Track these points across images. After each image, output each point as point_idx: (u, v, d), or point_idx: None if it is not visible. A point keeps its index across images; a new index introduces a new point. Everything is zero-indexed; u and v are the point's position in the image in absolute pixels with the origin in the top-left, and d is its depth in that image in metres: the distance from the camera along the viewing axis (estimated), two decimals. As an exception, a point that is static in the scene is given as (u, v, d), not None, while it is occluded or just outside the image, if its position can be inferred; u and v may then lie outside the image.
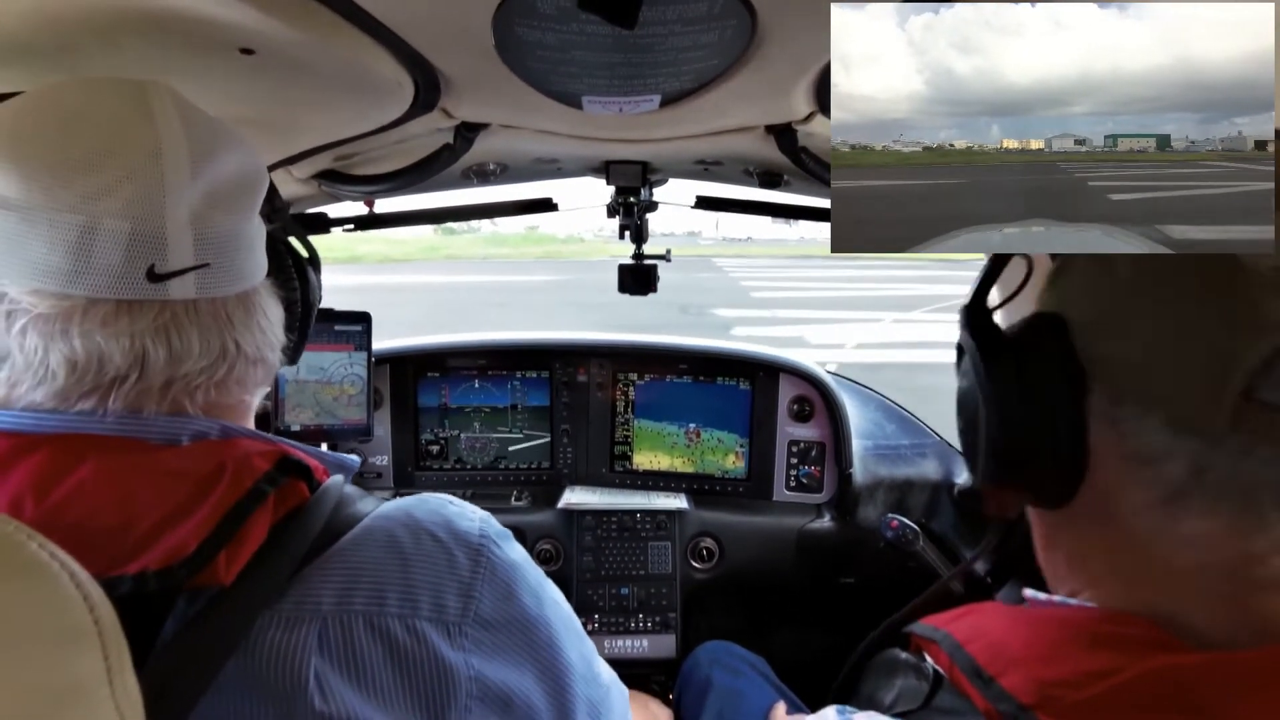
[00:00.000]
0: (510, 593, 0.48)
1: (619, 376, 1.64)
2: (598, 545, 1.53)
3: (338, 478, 0.50)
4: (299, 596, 0.42)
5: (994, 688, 0.36)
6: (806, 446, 1.59)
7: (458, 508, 0.51)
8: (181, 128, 0.43)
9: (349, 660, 0.42)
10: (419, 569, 0.45)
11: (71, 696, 0.27)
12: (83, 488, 0.40)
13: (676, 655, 1.49)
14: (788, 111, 0.80)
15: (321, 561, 0.44)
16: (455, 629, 0.45)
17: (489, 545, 0.49)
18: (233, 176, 0.46)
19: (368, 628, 0.42)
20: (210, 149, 0.45)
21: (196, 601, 0.40)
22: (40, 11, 0.51)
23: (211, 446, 0.45)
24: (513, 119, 0.86)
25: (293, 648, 0.41)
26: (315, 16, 0.52)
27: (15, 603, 0.27)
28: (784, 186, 1.17)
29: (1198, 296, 0.34)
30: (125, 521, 0.39)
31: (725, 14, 0.54)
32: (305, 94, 0.70)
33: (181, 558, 0.38)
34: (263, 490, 0.42)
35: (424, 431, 1.65)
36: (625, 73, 0.66)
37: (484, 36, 0.58)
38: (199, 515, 0.40)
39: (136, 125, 0.42)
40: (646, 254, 1.35)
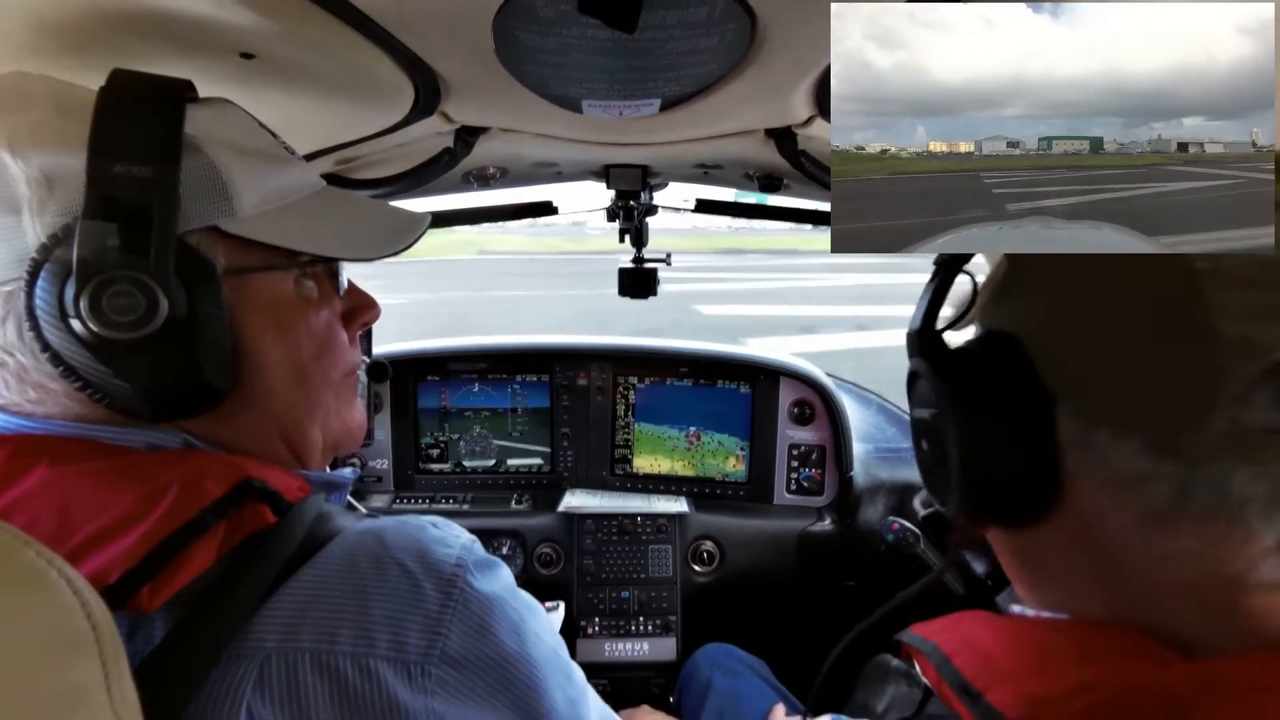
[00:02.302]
0: (484, 628, 0.43)
1: (619, 380, 1.64)
2: (598, 549, 1.53)
3: (316, 497, 0.46)
4: (244, 632, 0.39)
5: (981, 703, 0.36)
6: (807, 450, 1.59)
7: (439, 532, 0.46)
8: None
9: (290, 701, 0.38)
10: (379, 602, 0.41)
11: (70, 703, 0.27)
12: (26, 496, 0.38)
13: (677, 658, 1.48)
14: (787, 115, 0.80)
15: (278, 592, 0.40)
16: (417, 668, 0.40)
17: (463, 576, 0.44)
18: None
19: (314, 666, 0.39)
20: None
21: (138, 632, 0.38)
22: (40, 15, 0.51)
23: (166, 459, 0.42)
24: (513, 123, 0.86)
25: (227, 689, 0.37)
26: (315, 20, 0.52)
27: (14, 610, 0.27)
28: (784, 190, 1.17)
29: (1169, 316, 0.34)
30: (58, 533, 0.37)
31: (725, 18, 0.54)
32: (305, 98, 0.70)
33: (101, 586, 0.34)
34: (205, 521, 0.39)
35: (424, 435, 1.65)
36: (625, 77, 0.66)
37: (484, 40, 0.58)
38: (129, 539, 0.37)
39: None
40: (647, 257, 1.35)
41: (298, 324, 0.49)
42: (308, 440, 0.52)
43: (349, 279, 0.56)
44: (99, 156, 0.38)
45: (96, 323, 0.38)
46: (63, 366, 0.40)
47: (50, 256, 0.39)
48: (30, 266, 0.38)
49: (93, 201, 0.38)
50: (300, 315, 0.49)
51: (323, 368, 0.51)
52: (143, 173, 0.39)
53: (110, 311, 0.38)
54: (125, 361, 0.40)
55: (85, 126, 0.39)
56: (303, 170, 0.51)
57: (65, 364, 0.40)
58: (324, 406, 0.53)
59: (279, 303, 0.48)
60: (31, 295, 0.39)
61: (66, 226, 0.39)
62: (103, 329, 0.38)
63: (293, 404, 0.50)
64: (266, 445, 0.49)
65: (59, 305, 0.38)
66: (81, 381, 0.40)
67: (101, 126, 0.39)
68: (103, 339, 0.39)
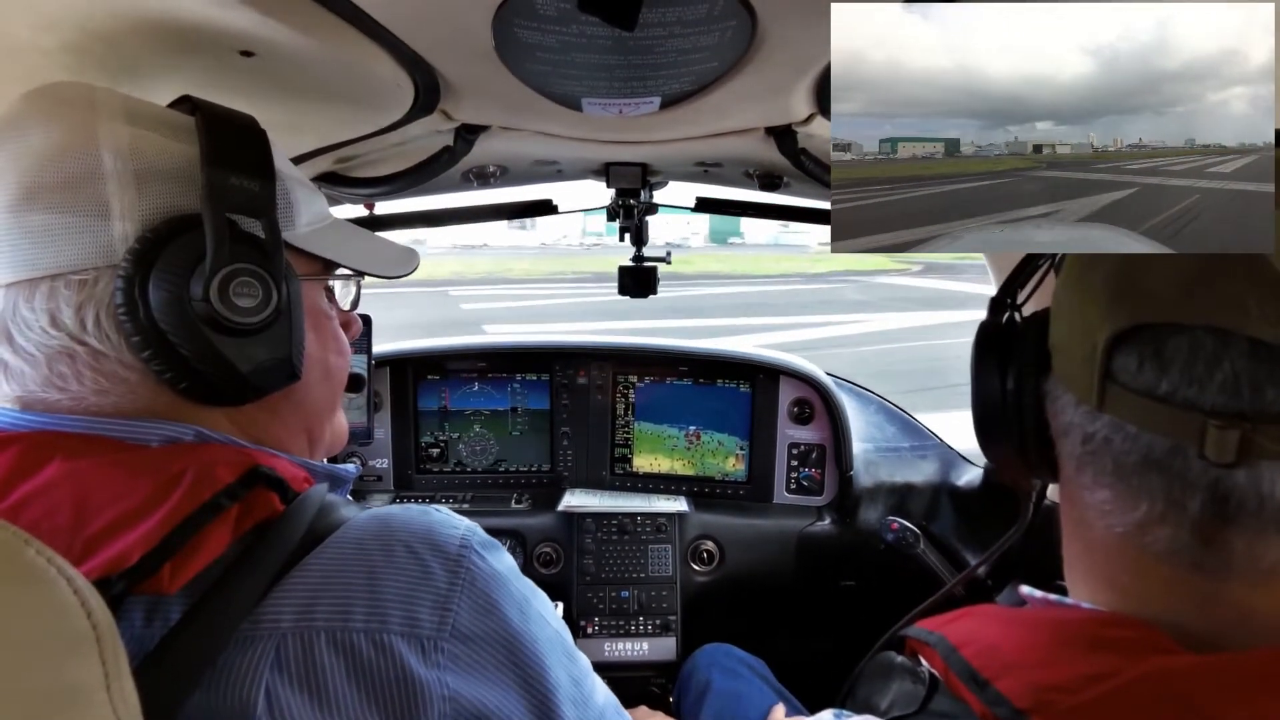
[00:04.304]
0: (492, 605, 0.45)
1: (619, 379, 1.64)
2: (598, 548, 1.53)
3: (320, 487, 0.48)
4: (257, 615, 0.40)
5: (990, 691, 0.36)
6: (807, 449, 1.59)
7: (441, 515, 0.48)
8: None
9: (308, 679, 0.39)
10: (390, 580, 0.43)
11: (69, 701, 0.27)
12: (44, 487, 0.39)
13: (677, 658, 1.48)
14: (787, 113, 0.80)
15: (288, 576, 0.42)
16: (430, 644, 0.42)
17: (469, 555, 0.46)
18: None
19: (330, 643, 0.40)
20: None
21: (156, 615, 0.39)
22: (41, 14, 0.51)
23: (179, 451, 0.43)
24: (512, 121, 0.86)
25: (245, 669, 0.38)
26: (315, 19, 0.52)
27: (13, 608, 0.27)
28: (784, 188, 1.17)
29: (1081, 275, 0.38)
30: (76, 522, 0.38)
31: (725, 15, 0.54)
32: (305, 96, 0.70)
33: (122, 569, 0.36)
34: (219, 504, 0.41)
35: (424, 434, 1.65)
36: (625, 75, 0.66)
37: (484, 38, 0.58)
38: (149, 524, 0.38)
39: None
40: (647, 256, 1.35)
41: (325, 327, 0.56)
42: (322, 435, 0.57)
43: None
44: (216, 169, 0.44)
45: (225, 309, 0.43)
46: (150, 351, 0.43)
47: (159, 251, 0.42)
48: (130, 258, 0.42)
49: (214, 207, 0.43)
50: (326, 320, 0.56)
51: (339, 369, 0.58)
52: (252, 186, 0.45)
53: (236, 299, 0.44)
54: (239, 345, 0.45)
55: (177, 141, 0.45)
56: (325, 201, 0.58)
57: (153, 349, 0.43)
58: (334, 406, 0.59)
59: (314, 307, 0.54)
60: (134, 284, 0.42)
61: (165, 224, 0.43)
62: (230, 314, 0.43)
63: (319, 398, 0.55)
64: (292, 436, 0.54)
65: (176, 293, 0.42)
66: (165, 366, 0.43)
67: (214, 144, 0.44)
68: (225, 324, 0.44)
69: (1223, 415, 0.32)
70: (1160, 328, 0.34)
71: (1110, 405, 0.35)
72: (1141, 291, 0.34)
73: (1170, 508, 0.34)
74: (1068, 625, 0.39)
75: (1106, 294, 0.36)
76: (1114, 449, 0.36)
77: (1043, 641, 0.38)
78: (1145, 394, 0.34)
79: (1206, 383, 0.32)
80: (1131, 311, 0.34)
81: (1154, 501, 0.35)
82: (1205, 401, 0.32)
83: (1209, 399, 0.32)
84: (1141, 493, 0.35)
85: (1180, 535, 0.34)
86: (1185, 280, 0.33)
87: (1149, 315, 0.34)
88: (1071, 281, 0.39)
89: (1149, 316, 0.34)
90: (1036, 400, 0.42)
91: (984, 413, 0.44)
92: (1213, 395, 0.32)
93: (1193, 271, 0.33)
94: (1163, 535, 0.35)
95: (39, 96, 0.44)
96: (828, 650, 1.48)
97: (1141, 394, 0.34)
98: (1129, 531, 0.36)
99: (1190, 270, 0.33)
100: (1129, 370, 0.34)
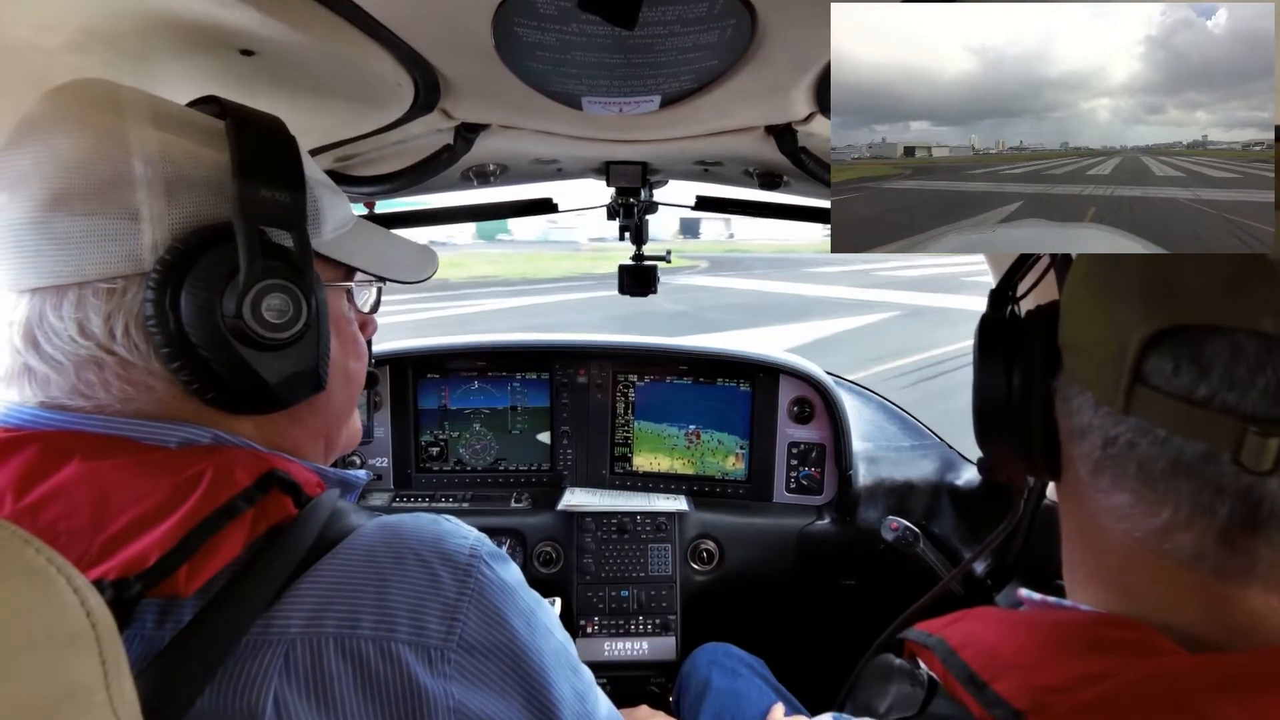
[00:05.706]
0: (499, 616, 0.45)
1: (619, 378, 1.64)
2: (598, 547, 1.53)
3: (332, 493, 0.48)
4: (268, 620, 0.40)
5: (988, 693, 0.36)
6: (807, 448, 1.59)
7: (451, 525, 0.49)
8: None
9: (315, 686, 0.39)
10: (399, 588, 0.43)
11: (68, 701, 0.27)
12: (62, 487, 0.39)
13: (676, 657, 1.48)
14: (788, 112, 0.80)
15: (298, 582, 0.42)
16: (437, 654, 0.42)
17: (479, 566, 0.46)
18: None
19: (338, 650, 0.40)
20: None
21: (168, 617, 0.39)
22: (42, 14, 0.51)
23: (196, 453, 0.43)
24: (512, 120, 0.86)
25: (254, 675, 0.38)
26: (315, 17, 0.52)
27: (12, 607, 0.27)
28: (784, 187, 1.17)
29: (1106, 273, 0.37)
30: (95, 522, 0.38)
31: (725, 14, 0.54)
32: (305, 95, 0.70)
33: (140, 570, 0.36)
34: (236, 506, 0.41)
35: (423, 433, 1.65)
36: (625, 73, 0.65)
37: (484, 37, 0.58)
38: (166, 525, 0.38)
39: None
40: (646, 254, 1.35)
41: (346, 332, 0.56)
42: (339, 438, 0.58)
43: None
44: (248, 181, 0.43)
45: (256, 324, 0.43)
46: (179, 362, 0.42)
47: (190, 262, 0.42)
48: (161, 269, 0.41)
49: (247, 220, 0.43)
50: (347, 325, 0.56)
51: (357, 373, 0.58)
52: (284, 198, 0.45)
53: (267, 314, 0.44)
54: (268, 359, 0.45)
55: (208, 147, 0.44)
56: (349, 203, 0.58)
57: (183, 360, 0.42)
58: (352, 409, 0.59)
59: (337, 313, 0.54)
60: (165, 295, 0.41)
61: (195, 234, 0.42)
62: (261, 330, 0.43)
63: (339, 403, 0.55)
64: (311, 440, 0.54)
65: (207, 306, 0.42)
66: (194, 377, 0.43)
67: (245, 153, 0.44)
68: (256, 339, 0.43)
69: (1263, 422, 0.30)
70: (1198, 329, 0.32)
71: (1138, 408, 0.34)
72: (1179, 292, 0.33)
73: (1197, 513, 0.33)
74: (1066, 627, 0.39)
75: (1141, 293, 0.34)
76: (1139, 453, 0.34)
77: (1041, 643, 0.38)
78: (1180, 397, 0.32)
79: (1249, 388, 0.31)
80: (1168, 312, 0.33)
81: (1179, 507, 0.34)
82: (1246, 407, 0.31)
83: (1250, 405, 0.31)
84: (1167, 498, 0.34)
85: (1205, 541, 0.33)
86: (1226, 281, 0.32)
87: (1188, 316, 0.32)
88: (1093, 279, 0.38)
89: (1188, 318, 0.32)
90: (1045, 400, 0.41)
91: (986, 409, 0.43)
92: (1254, 401, 0.31)
93: (1233, 272, 0.32)
94: (1186, 541, 0.34)
95: (63, 97, 0.43)
96: (827, 649, 1.48)
97: (1176, 397, 0.33)
98: (1147, 536, 0.35)
99: (1231, 271, 0.32)
100: (1163, 373, 0.33)
